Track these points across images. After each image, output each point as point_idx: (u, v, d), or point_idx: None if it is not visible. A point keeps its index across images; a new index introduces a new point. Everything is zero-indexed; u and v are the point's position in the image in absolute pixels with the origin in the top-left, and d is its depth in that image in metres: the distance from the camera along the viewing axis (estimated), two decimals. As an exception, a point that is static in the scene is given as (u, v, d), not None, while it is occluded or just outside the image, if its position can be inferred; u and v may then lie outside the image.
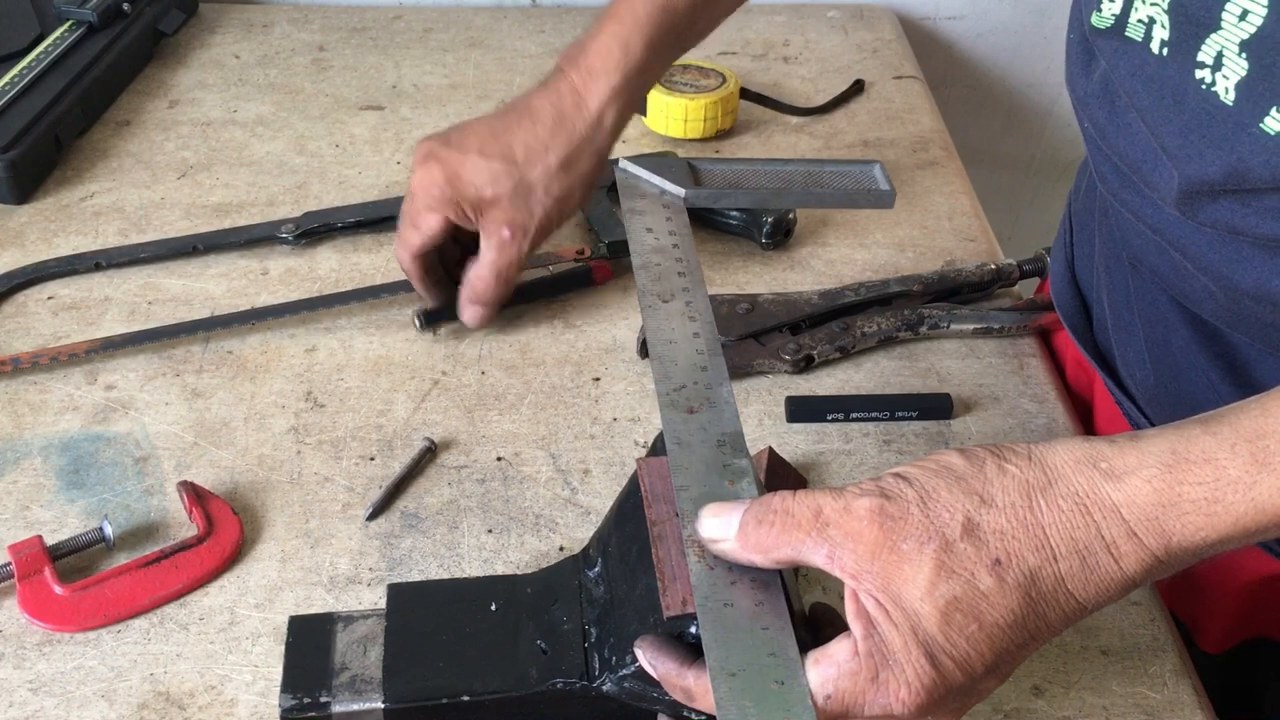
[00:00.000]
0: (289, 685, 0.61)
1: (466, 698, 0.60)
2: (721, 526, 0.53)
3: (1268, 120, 0.57)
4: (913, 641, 0.48)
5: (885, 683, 0.49)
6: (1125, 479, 0.49)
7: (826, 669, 0.50)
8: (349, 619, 0.64)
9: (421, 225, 0.82)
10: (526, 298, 0.95)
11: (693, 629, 0.54)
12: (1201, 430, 0.50)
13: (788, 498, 0.52)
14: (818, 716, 0.49)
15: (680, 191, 0.76)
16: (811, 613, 0.56)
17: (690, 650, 0.54)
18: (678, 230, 0.73)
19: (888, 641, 0.49)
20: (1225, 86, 0.59)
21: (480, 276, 0.84)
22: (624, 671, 0.57)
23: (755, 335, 0.90)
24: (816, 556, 0.50)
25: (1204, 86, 0.60)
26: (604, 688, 0.59)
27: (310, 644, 0.63)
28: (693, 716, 0.58)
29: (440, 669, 0.61)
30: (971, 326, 0.92)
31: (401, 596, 0.65)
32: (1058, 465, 0.50)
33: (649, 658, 0.54)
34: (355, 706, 0.60)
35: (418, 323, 0.92)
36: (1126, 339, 0.79)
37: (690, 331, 0.65)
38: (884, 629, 0.49)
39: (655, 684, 0.56)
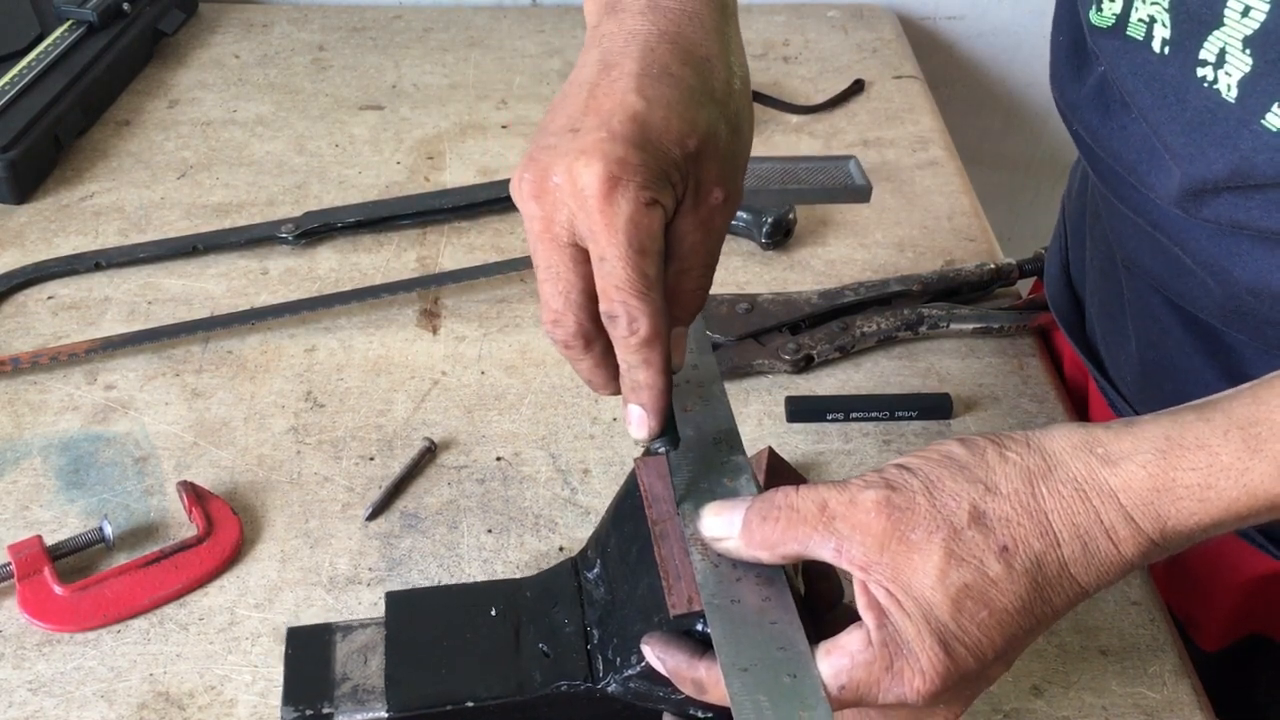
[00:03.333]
0: (290, 697, 0.60)
1: (471, 703, 0.59)
2: (724, 525, 0.53)
3: (1269, 116, 0.57)
4: (926, 630, 0.49)
5: (900, 672, 0.49)
6: (1121, 464, 0.50)
7: (839, 660, 0.50)
8: (347, 629, 0.64)
9: (645, 241, 0.51)
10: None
11: (699, 626, 0.54)
12: (1195, 416, 0.51)
13: (791, 493, 0.52)
14: (832, 707, 0.49)
15: None
16: (805, 574, 0.57)
17: (698, 644, 0.54)
18: None
19: (901, 631, 0.49)
20: (1228, 84, 0.59)
21: (695, 270, 0.55)
22: (629, 672, 0.57)
23: (755, 335, 0.90)
24: (824, 550, 0.51)
25: (1206, 84, 0.60)
26: (609, 689, 0.59)
27: (310, 655, 0.62)
28: (699, 715, 0.58)
29: (443, 675, 0.60)
30: (971, 326, 0.92)
31: (400, 604, 0.64)
32: (1056, 452, 0.51)
33: (657, 653, 0.54)
34: (359, 716, 0.60)
35: (663, 448, 0.57)
36: (1119, 340, 0.79)
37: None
38: (896, 619, 0.49)
39: (661, 683, 0.56)
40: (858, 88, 1.26)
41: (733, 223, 1.02)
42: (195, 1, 1.38)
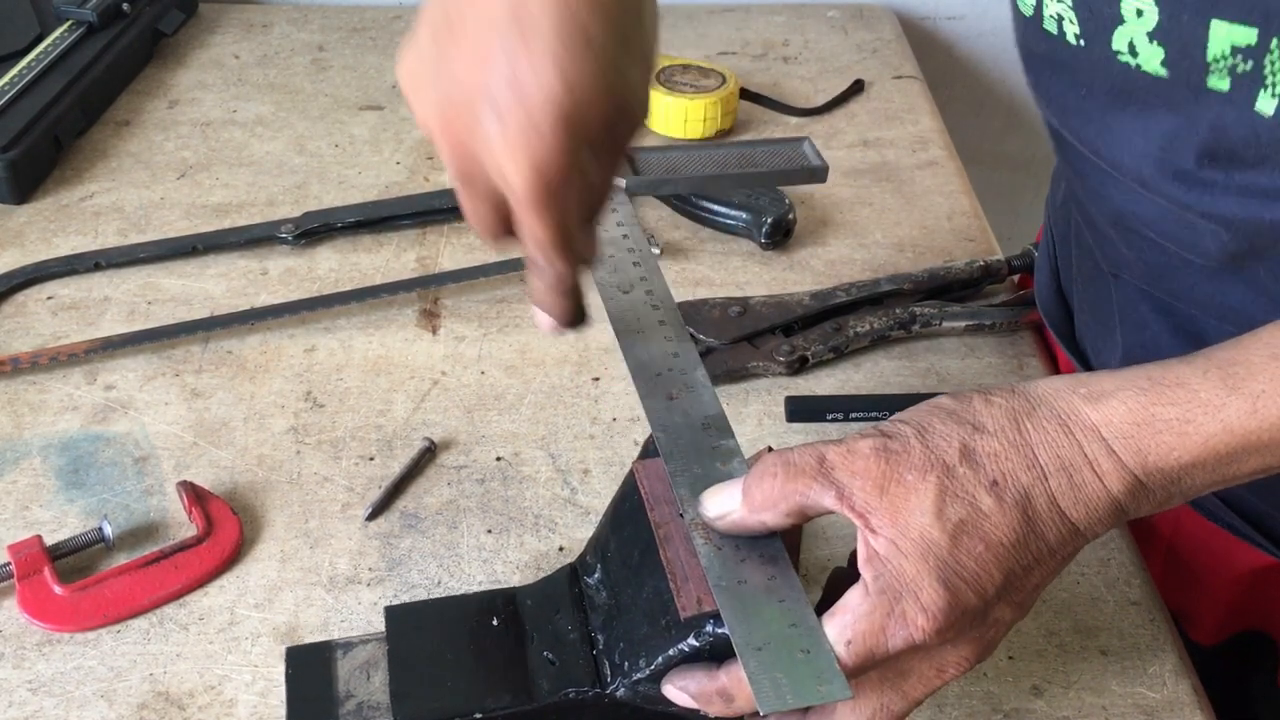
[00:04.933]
0: (295, 717, 0.60)
1: (479, 715, 0.59)
2: (726, 500, 0.54)
3: (1211, 81, 0.57)
4: (923, 568, 0.50)
5: (903, 614, 0.50)
6: (1103, 401, 0.52)
7: (842, 617, 0.51)
8: (347, 645, 0.63)
9: (568, 212, 0.53)
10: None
11: (708, 628, 0.54)
12: (1179, 360, 0.52)
13: (786, 451, 0.53)
14: (845, 673, 0.49)
15: (620, 181, 0.76)
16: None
17: (710, 661, 0.54)
18: (624, 220, 0.72)
19: (899, 573, 0.50)
20: (1153, 66, 0.60)
21: (602, 185, 0.56)
22: (637, 676, 0.57)
23: (748, 338, 0.90)
24: (826, 499, 0.51)
25: (1131, 68, 0.61)
26: (617, 694, 0.58)
27: (311, 674, 0.62)
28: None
29: (449, 688, 0.60)
30: (964, 324, 0.93)
31: (400, 618, 0.63)
32: (1041, 394, 0.53)
33: (678, 686, 0.55)
34: None
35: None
36: (1108, 345, 0.80)
37: (656, 319, 0.65)
38: (895, 562, 0.50)
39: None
40: (858, 88, 1.26)
41: (733, 223, 1.03)
42: (195, 1, 1.38)
